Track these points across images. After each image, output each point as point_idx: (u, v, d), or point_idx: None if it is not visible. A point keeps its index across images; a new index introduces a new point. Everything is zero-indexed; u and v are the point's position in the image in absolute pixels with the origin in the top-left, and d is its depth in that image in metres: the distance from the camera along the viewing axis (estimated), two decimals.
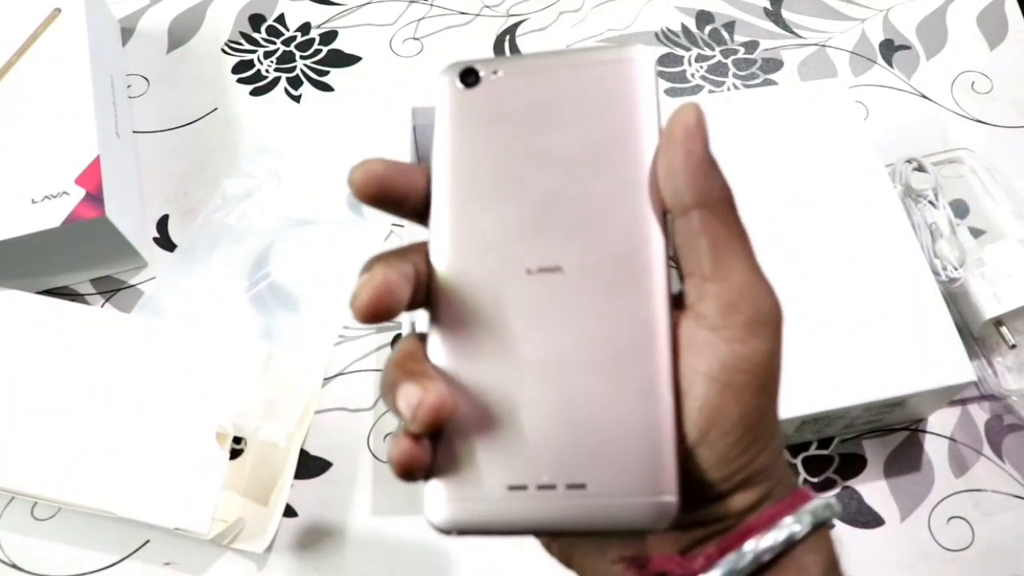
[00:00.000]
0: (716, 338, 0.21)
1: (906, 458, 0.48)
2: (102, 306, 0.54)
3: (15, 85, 0.54)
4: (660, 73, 0.62)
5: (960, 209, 0.55)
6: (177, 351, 0.49)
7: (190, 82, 0.63)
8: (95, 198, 0.50)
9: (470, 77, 0.24)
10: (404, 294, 0.21)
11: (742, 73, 0.62)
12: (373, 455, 0.49)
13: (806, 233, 0.45)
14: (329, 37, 0.65)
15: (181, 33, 0.65)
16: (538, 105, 0.23)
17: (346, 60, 0.64)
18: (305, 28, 0.65)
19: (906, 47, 0.63)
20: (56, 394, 0.48)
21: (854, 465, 0.48)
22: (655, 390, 0.21)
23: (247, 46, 0.65)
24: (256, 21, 0.66)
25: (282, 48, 0.65)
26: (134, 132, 0.61)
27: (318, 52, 0.64)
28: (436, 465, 0.21)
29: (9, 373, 0.48)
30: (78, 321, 0.50)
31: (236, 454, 0.48)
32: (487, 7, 0.66)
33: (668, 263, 0.22)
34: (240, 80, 0.63)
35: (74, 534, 0.47)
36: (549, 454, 0.21)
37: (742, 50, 0.63)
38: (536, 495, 0.20)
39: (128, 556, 0.46)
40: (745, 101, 0.50)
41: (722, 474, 0.21)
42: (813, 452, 0.48)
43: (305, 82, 0.63)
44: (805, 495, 0.22)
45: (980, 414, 0.49)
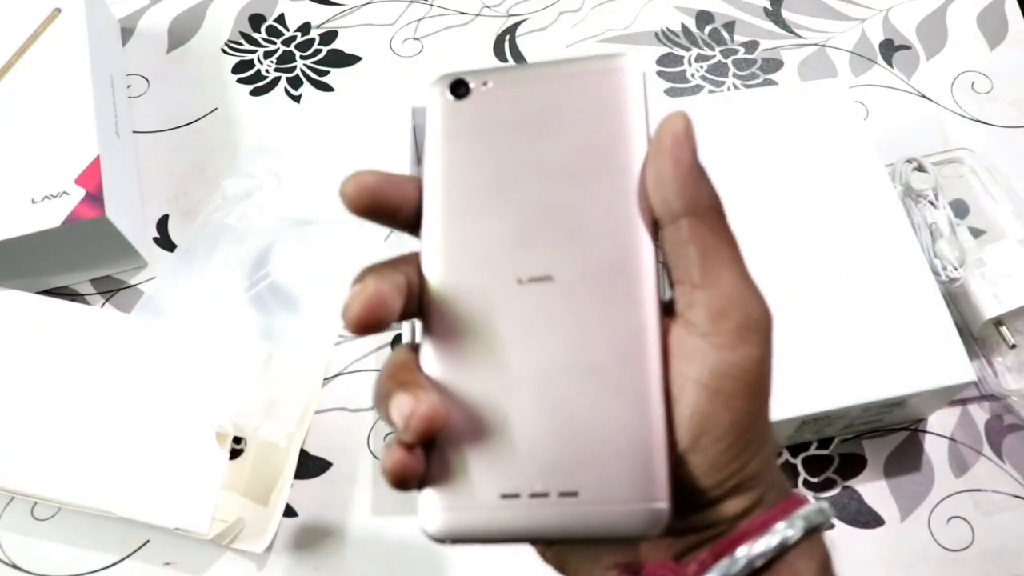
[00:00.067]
0: (706, 345, 0.21)
1: (906, 458, 0.48)
2: (102, 306, 0.54)
3: (15, 85, 0.54)
4: (660, 73, 0.62)
5: (960, 209, 0.55)
6: (177, 351, 0.49)
7: (190, 82, 0.63)
8: (95, 198, 0.50)
9: (460, 89, 0.24)
10: (396, 305, 0.21)
11: (742, 73, 0.62)
12: (373, 455, 0.49)
13: (806, 233, 0.45)
14: (329, 37, 0.65)
15: (181, 33, 0.65)
16: (528, 116, 0.23)
17: (346, 60, 0.64)
18: (305, 28, 0.65)
19: (906, 47, 0.63)
20: (56, 394, 0.48)
21: (854, 465, 0.48)
22: (646, 397, 0.21)
23: (247, 46, 0.65)
24: (256, 21, 0.66)
25: (282, 48, 0.65)
26: (134, 132, 0.61)
27: (318, 52, 0.64)
28: (430, 474, 0.21)
29: (9, 373, 0.48)
30: (78, 321, 0.50)
31: (236, 454, 0.48)
32: (487, 7, 0.66)
33: (658, 271, 0.22)
34: (240, 80, 0.63)
35: (74, 534, 0.47)
36: (541, 462, 0.21)
37: (742, 50, 0.63)
38: (529, 503, 0.21)
39: (128, 556, 0.46)
40: (745, 101, 0.50)
41: (714, 480, 0.21)
42: (813, 452, 0.48)
43: (305, 82, 0.63)
44: (798, 500, 0.22)
45: (980, 414, 0.49)
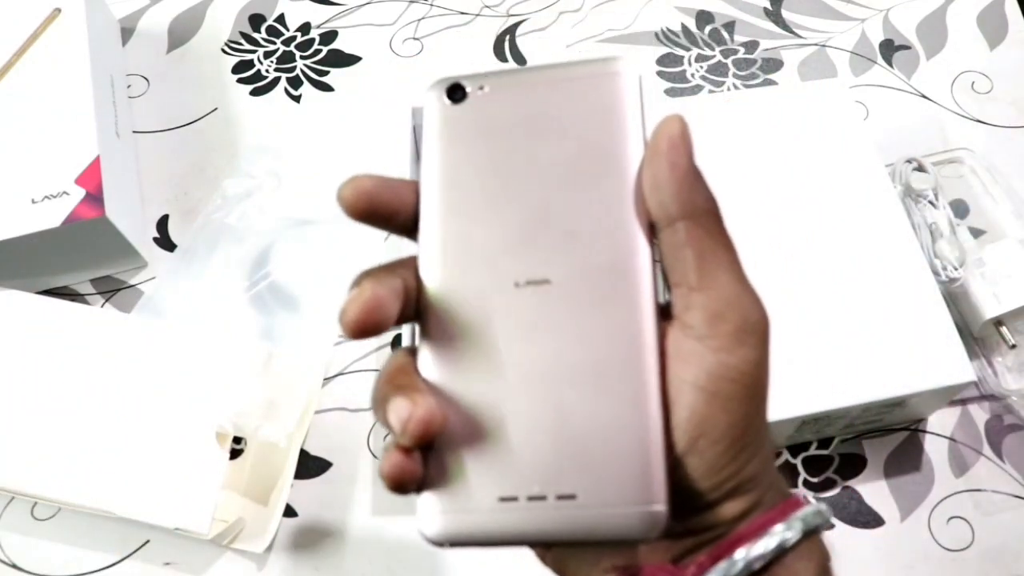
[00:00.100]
0: (703, 348, 0.21)
1: (906, 458, 0.48)
2: (102, 306, 0.54)
3: (15, 85, 0.54)
4: (660, 73, 0.62)
5: (960, 209, 0.55)
6: (177, 351, 0.49)
7: (190, 82, 0.63)
8: (95, 198, 0.50)
9: (457, 93, 0.24)
10: (393, 309, 0.21)
11: (742, 73, 0.62)
12: (373, 455, 0.49)
13: (806, 233, 0.45)
14: (329, 37, 0.65)
15: (181, 33, 0.65)
16: (525, 119, 0.23)
17: (346, 60, 0.64)
18: (305, 28, 0.65)
19: (906, 47, 0.63)
20: (56, 394, 0.48)
21: (854, 465, 0.48)
22: (643, 400, 0.21)
23: (247, 46, 0.65)
24: (256, 21, 0.66)
25: (282, 48, 0.65)
26: (134, 132, 0.61)
27: (318, 52, 0.64)
28: (428, 478, 0.21)
29: (9, 373, 0.48)
30: (78, 321, 0.50)
31: (236, 454, 0.48)
32: (487, 7, 0.66)
33: (655, 274, 0.22)
34: (240, 80, 0.63)
35: (74, 534, 0.47)
36: (539, 465, 0.21)
37: (742, 50, 0.63)
38: (527, 506, 0.21)
39: (128, 556, 0.46)
40: (745, 101, 0.50)
41: (712, 483, 0.21)
42: (813, 452, 0.48)
43: (305, 82, 0.63)
44: (796, 502, 0.22)
45: (980, 414, 0.49)
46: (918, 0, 0.65)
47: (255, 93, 0.62)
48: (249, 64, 0.64)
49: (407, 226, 0.23)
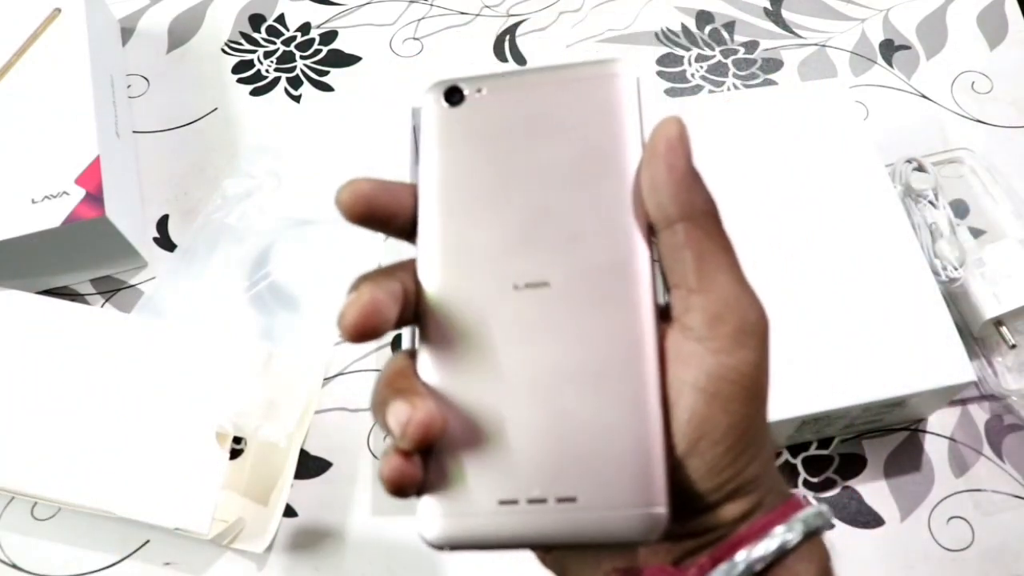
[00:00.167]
0: (702, 349, 0.21)
1: (906, 458, 0.48)
2: (102, 306, 0.54)
3: (15, 85, 0.54)
4: (660, 73, 0.62)
5: (960, 209, 0.55)
6: (177, 351, 0.49)
7: (190, 82, 0.63)
8: (95, 198, 0.50)
9: (454, 95, 0.24)
10: (391, 313, 0.21)
11: (742, 73, 0.62)
12: (373, 455, 0.49)
13: (806, 233, 0.45)
14: (329, 37, 0.65)
15: (181, 33, 0.65)
16: (522, 122, 0.23)
17: (346, 60, 0.64)
18: (305, 28, 0.65)
19: (906, 47, 0.63)
20: (56, 394, 0.48)
21: (854, 465, 0.48)
22: (643, 402, 0.21)
23: (247, 46, 0.65)
24: (256, 21, 0.66)
25: (282, 48, 0.65)
26: (134, 132, 0.61)
27: (318, 52, 0.64)
28: (428, 481, 0.21)
29: (9, 373, 0.48)
30: (78, 321, 0.50)
31: (236, 454, 0.48)
32: (487, 7, 0.66)
33: (654, 276, 0.22)
34: (240, 80, 0.63)
35: (74, 534, 0.47)
36: (539, 468, 0.21)
37: (742, 50, 0.63)
38: (527, 509, 0.21)
39: (128, 556, 0.46)
40: (745, 101, 0.50)
41: (712, 484, 0.21)
42: (813, 452, 0.48)
43: (305, 82, 0.63)
44: (797, 504, 0.22)
45: (980, 414, 0.49)
46: (918, 0, 0.65)
47: (255, 93, 0.62)
48: (249, 64, 0.64)
49: (405, 229, 0.23)
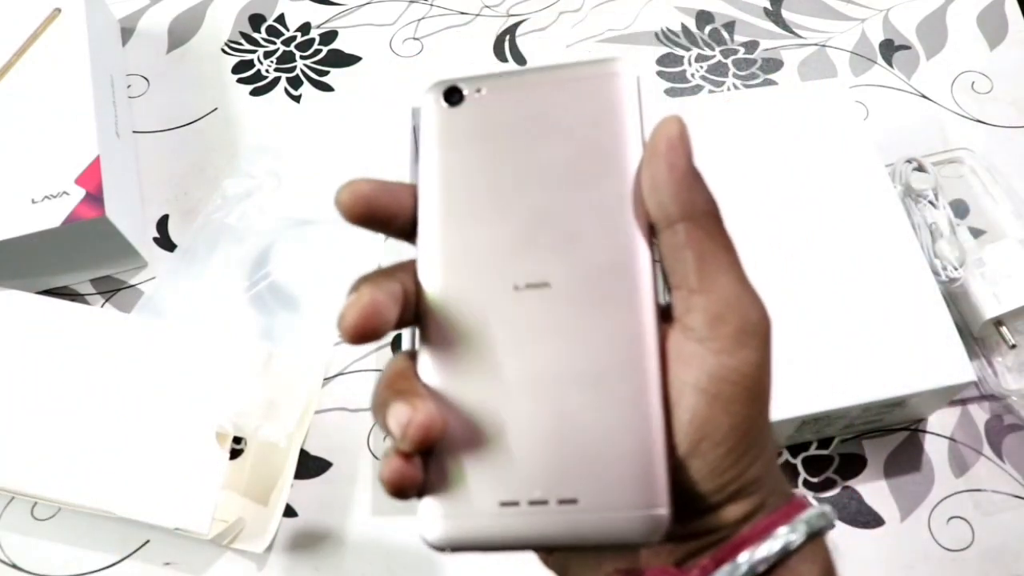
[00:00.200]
0: (704, 350, 0.21)
1: (906, 458, 0.48)
2: (102, 306, 0.54)
3: (15, 85, 0.54)
4: (660, 73, 0.62)
5: (960, 209, 0.55)
6: (177, 351, 0.49)
7: (190, 82, 0.63)
8: (95, 198, 0.50)
9: (454, 96, 0.24)
10: (392, 314, 0.21)
11: (742, 73, 0.62)
12: (373, 455, 0.49)
13: (806, 233, 0.45)
14: (329, 37, 0.65)
15: (181, 33, 0.65)
16: (522, 122, 0.23)
17: (346, 60, 0.64)
18: (305, 28, 0.65)
19: (906, 47, 0.63)
20: (56, 394, 0.48)
21: (854, 465, 0.48)
22: (644, 403, 0.21)
23: (247, 46, 0.65)
24: (256, 21, 0.66)
25: (282, 48, 0.65)
26: (134, 132, 0.61)
27: (318, 52, 0.64)
28: (429, 482, 0.21)
29: (9, 373, 0.48)
30: (78, 321, 0.50)
31: (236, 454, 0.48)
32: (487, 7, 0.66)
33: (655, 276, 0.22)
34: (240, 80, 0.63)
35: (74, 534, 0.47)
36: (540, 469, 0.21)
37: (742, 50, 0.63)
38: (528, 511, 0.21)
39: (128, 556, 0.46)
40: (745, 101, 0.50)
41: (714, 485, 0.21)
42: (813, 452, 0.48)
43: (305, 82, 0.63)
44: (800, 504, 0.22)
45: (980, 414, 0.49)
46: (918, 0, 0.65)
47: (255, 93, 0.62)
48: (249, 64, 0.64)
49: (405, 230, 0.23)
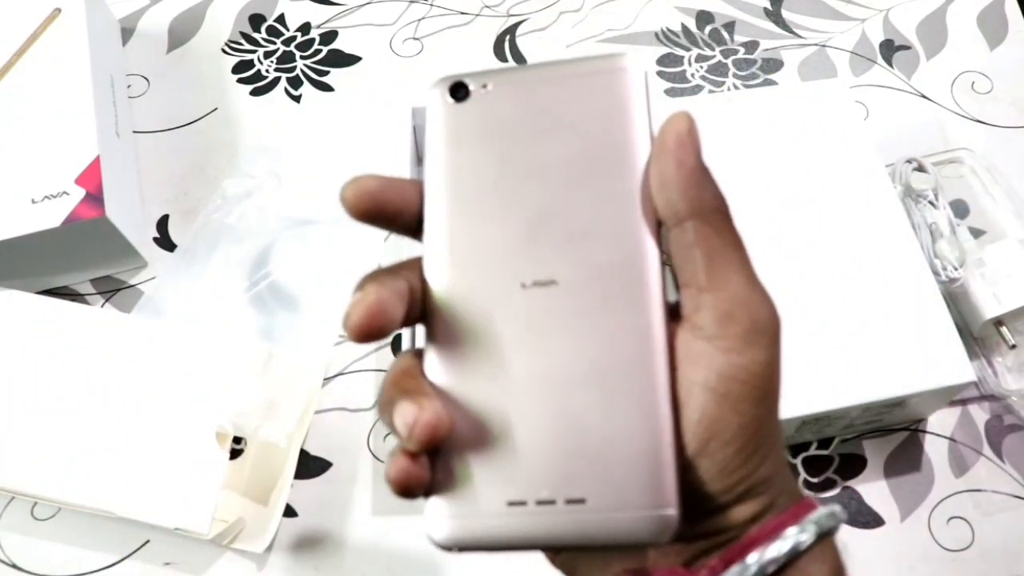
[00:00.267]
0: (713, 349, 0.21)
1: (906, 458, 0.48)
2: (102, 306, 0.54)
3: (15, 85, 0.54)
4: (660, 73, 0.62)
5: (960, 209, 0.55)
6: (177, 351, 0.49)
7: (190, 82, 0.63)
8: (95, 198, 0.50)
9: (460, 91, 0.24)
10: (397, 312, 0.21)
11: (742, 73, 0.62)
12: (373, 455, 0.49)
13: (806, 233, 0.45)
14: (329, 37, 0.65)
15: (181, 33, 0.65)
16: (529, 118, 0.23)
17: (346, 60, 0.64)
18: (305, 28, 0.65)
19: (906, 47, 0.63)
20: (56, 394, 0.47)
21: (854, 465, 0.48)
22: (653, 402, 0.20)
23: (247, 46, 0.65)
24: (256, 21, 0.66)
25: (282, 48, 0.65)
26: (134, 132, 0.61)
27: (318, 52, 0.64)
28: (435, 482, 0.21)
29: (9, 373, 0.48)
30: (78, 321, 0.50)
31: (236, 454, 0.48)
32: (487, 7, 0.66)
33: (663, 274, 0.22)
34: (240, 80, 0.63)
35: (74, 534, 0.47)
36: (548, 469, 0.21)
37: (742, 50, 0.63)
38: (536, 511, 0.20)
39: (128, 556, 0.46)
40: (745, 101, 0.50)
41: (723, 485, 0.21)
42: (813, 452, 0.48)
43: (305, 82, 0.63)
44: (809, 504, 0.22)
45: (980, 414, 0.49)
46: (918, 0, 0.65)
47: (255, 93, 0.62)
48: (249, 64, 0.64)
49: (411, 226, 0.23)
